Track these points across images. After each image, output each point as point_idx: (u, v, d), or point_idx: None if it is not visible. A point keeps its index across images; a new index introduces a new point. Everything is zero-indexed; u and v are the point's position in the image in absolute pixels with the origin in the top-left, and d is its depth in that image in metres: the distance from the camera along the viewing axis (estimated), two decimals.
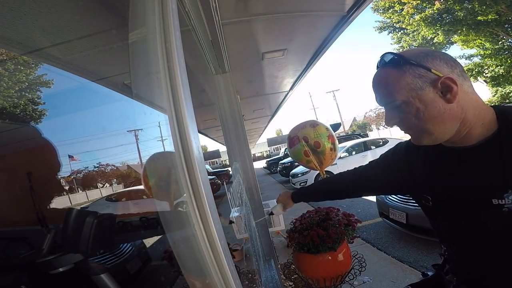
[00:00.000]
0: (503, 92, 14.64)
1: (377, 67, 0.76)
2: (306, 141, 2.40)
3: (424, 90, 0.66)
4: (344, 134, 27.18)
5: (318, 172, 2.52)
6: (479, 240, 0.72)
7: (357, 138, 11.84)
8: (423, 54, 0.69)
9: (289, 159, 13.40)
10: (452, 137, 0.70)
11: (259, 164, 26.59)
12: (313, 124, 2.41)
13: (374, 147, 9.08)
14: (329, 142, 2.37)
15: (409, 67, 0.67)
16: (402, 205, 3.20)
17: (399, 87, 0.68)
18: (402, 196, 3.20)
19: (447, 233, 0.81)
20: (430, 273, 0.99)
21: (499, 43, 13.66)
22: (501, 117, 0.68)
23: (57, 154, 0.77)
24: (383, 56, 0.74)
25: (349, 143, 9.70)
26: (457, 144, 0.71)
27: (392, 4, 14.92)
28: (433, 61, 0.67)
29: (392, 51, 0.72)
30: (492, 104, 0.74)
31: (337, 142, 2.50)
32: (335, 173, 8.94)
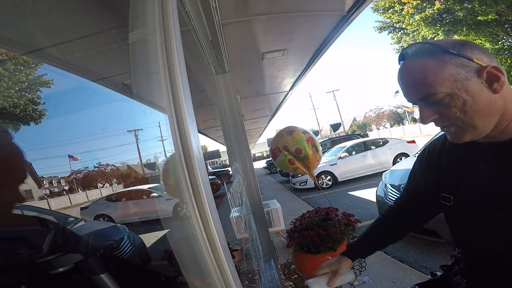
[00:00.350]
0: None
1: (403, 59, 0.70)
2: (287, 150, 2.42)
3: (470, 81, 0.62)
4: (344, 134, 27.18)
5: (317, 173, 2.53)
6: (500, 244, 0.69)
7: (357, 138, 11.83)
8: (460, 44, 0.64)
9: None
10: (494, 130, 0.66)
11: (259, 164, 26.58)
12: (290, 131, 2.42)
13: (374, 147, 9.08)
14: (309, 145, 2.37)
15: (449, 56, 0.62)
16: None
17: (441, 78, 0.62)
18: None
19: (465, 234, 0.77)
20: (438, 273, 0.98)
21: (499, 43, 13.67)
22: None
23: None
24: (411, 46, 0.69)
25: (349, 143, 9.70)
26: (491, 139, 0.67)
27: (392, 4, 14.93)
28: (473, 51, 0.63)
29: (420, 41, 0.68)
30: None
31: (317, 142, 2.52)
32: (336, 174, 8.92)
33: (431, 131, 21.20)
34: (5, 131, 0.69)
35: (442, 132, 0.73)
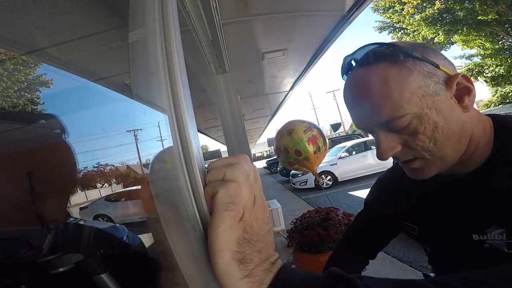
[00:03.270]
0: (503, 92, 14.66)
1: (350, 69, 0.52)
2: (287, 152, 2.32)
3: (440, 96, 0.47)
4: (344, 134, 27.18)
5: (317, 173, 2.51)
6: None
7: (357, 138, 11.84)
8: (419, 45, 0.50)
9: None
10: (457, 163, 0.53)
11: (259, 164, 26.60)
12: (290, 131, 2.33)
13: (374, 147, 9.09)
14: (310, 145, 2.25)
15: (414, 62, 0.47)
16: None
17: (409, 93, 0.46)
18: None
19: (432, 261, 0.72)
20: (432, 274, 0.97)
21: (499, 43, 13.68)
22: (498, 137, 0.51)
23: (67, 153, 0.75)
24: (361, 50, 0.50)
25: (349, 143, 9.72)
26: (447, 174, 0.55)
27: (392, 4, 14.94)
28: (436, 55, 0.49)
29: (377, 42, 0.50)
30: (488, 114, 0.52)
31: (321, 140, 2.36)
32: (336, 174, 8.92)
33: None
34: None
35: None
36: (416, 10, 14.03)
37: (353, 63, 0.51)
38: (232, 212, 0.29)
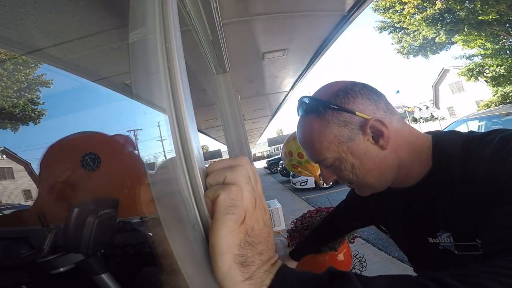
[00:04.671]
0: (503, 92, 14.65)
1: (298, 113, 0.65)
2: (291, 156, 2.51)
3: (354, 141, 0.57)
4: None
5: (317, 173, 2.58)
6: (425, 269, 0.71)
7: None
8: (342, 92, 0.58)
9: None
10: (395, 181, 0.64)
11: (260, 164, 26.59)
12: (295, 136, 2.46)
13: None
14: None
15: (331, 113, 0.57)
16: None
17: (327, 142, 0.58)
18: None
19: (409, 260, 0.82)
20: None
21: (500, 43, 13.66)
22: (436, 152, 0.59)
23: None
24: (300, 100, 0.63)
25: None
26: (400, 185, 0.66)
27: (393, 4, 14.92)
28: (355, 99, 0.57)
29: (307, 95, 0.62)
30: (431, 132, 0.65)
31: None
32: None
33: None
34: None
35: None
36: (416, 10, 14.02)
37: (298, 111, 0.65)
38: (233, 216, 0.29)
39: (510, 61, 13.41)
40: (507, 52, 13.51)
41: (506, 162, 0.46)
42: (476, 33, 13.05)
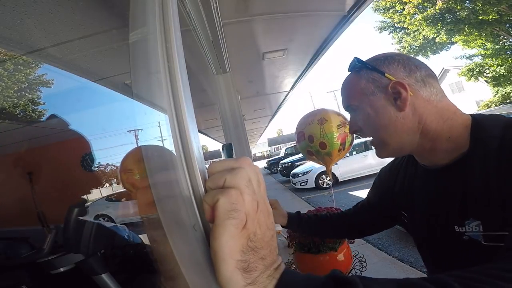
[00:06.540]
0: (503, 92, 14.64)
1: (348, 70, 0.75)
2: (311, 141, 2.17)
3: (376, 96, 0.64)
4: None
5: (318, 173, 2.47)
6: (444, 267, 0.68)
7: (358, 138, 11.84)
8: (383, 57, 0.66)
9: (290, 159, 13.41)
10: (418, 151, 0.66)
11: (260, 164, 26.60)
12: (322, 121, 2.16)
13: (374, 148, 9.08)
14: (338, 142, 2.11)
15: (365, 71, 0.66)
16: None
17: (354, 91, 0.67)
18: None
19: (420, 249, 0.78)
20: None
21: (500, 43, 13.65)
22: (474, 134, 0.58)
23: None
24: (352, 60, 0.72)
25: None
26: (430, 163, 0.66)
27: (393, 4, 14.91)
28: (390, 64, 0.64)
29: (358, 57, 0.70)
30: (476, 113, 0.72)
31: (350, 139, 2.22)
32: (336, 174, 8.89)
33: None
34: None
35: None
36: (417, 10, 14.01)
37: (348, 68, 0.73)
38: (234, 220, 0.28)
39: (510, 61, 13.40)
40: (508, 52, 13.50)
41: None
42: (476, 33, 13.04)
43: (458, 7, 12.25)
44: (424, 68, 0.64)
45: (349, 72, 0.72)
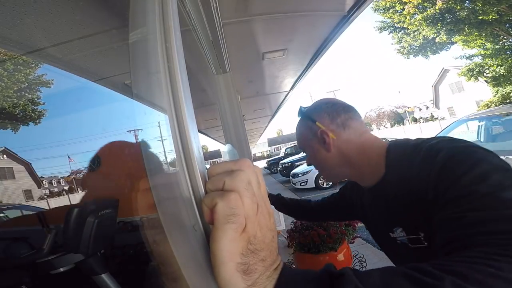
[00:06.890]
0: (503, 92, 14.64)
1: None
2: None
3: (312, 140, 0.79)
4: None
5: (317, 173, 2.49)
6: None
7: None
8: (315, 106, 0.81)
9: (290, 159, 13.40)
10: (353, 177, 0.81)
11: (260, 164, 26.59)
12: None
13: None
14: None
15: (305, 119, 0.82)
16: None
17: (300, 136, 0.85)
18: None
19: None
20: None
21: (500, 43, 13.65)
22: (388, 159, 0.71)
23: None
24: (299, 109, 0.88)
25: None
26: (364, 185, 0.80)
27: (393, 4, 14.90)
28: (319, 113, 0.79)
29: (302, 106, 0.86)
30: (389, 141, 0.81)
31: None
32: None
33: (431, 131, 21.18)
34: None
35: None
36: (417, 10, 14.00)
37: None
38: (233, 224, 0.28)
39: (510, 61, 13.40)
40: (507, 52, 13.50)
41: (433, 162, 0.56)
42: (476, 33, 13.03)
43: (458, 7, 12.25)
44: (345, 112, 0.78)
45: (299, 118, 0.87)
